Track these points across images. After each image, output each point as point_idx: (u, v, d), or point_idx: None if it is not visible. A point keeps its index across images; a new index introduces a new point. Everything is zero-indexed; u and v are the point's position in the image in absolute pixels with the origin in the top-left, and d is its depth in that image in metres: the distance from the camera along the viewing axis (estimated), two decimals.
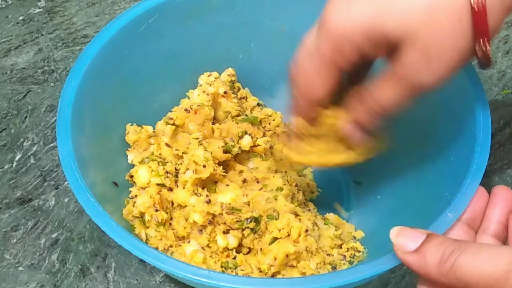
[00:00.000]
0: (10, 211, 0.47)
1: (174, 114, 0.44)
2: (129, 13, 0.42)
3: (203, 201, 0.39)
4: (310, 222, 0.41)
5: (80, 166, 0.34)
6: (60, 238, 0.46)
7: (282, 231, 0.38)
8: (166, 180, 0.41)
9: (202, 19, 0.45)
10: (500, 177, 0.49)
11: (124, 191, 0.41)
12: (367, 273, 0.30)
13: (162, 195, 0.40)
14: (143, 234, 0.39)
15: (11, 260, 0.45)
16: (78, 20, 0.61)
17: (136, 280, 0.43)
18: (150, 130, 0.44)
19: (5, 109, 0.54)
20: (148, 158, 0.42)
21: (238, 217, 0.38)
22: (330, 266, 0.39)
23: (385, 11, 0.29)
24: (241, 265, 0.38)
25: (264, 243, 0.39)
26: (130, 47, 0.43)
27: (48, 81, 0.55)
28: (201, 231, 0.39)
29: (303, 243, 0.38)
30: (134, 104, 0.44)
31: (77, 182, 0.34)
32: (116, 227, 0.32)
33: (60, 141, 0.35)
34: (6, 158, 0.50)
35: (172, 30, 0.44)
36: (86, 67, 0.39)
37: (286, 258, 0.38)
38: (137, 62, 0.44)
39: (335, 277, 0.30)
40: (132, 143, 0.43)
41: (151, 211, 0.39)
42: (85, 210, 0.33)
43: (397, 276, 0.44)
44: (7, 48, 0.58)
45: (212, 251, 0.39)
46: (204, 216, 0.38)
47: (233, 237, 0.39)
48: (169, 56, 0.45)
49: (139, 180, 0.41)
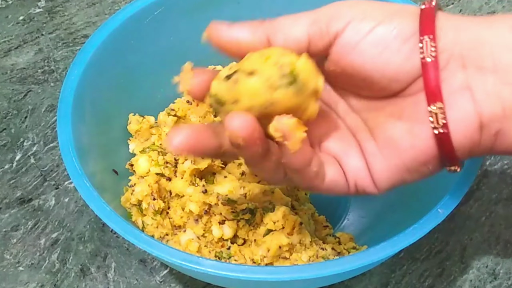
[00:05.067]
0: (10, 211, 0.47)
1: (176, 105, 0.44)
2: (135, 4, 0.43)
3: (200, 191, 0.39)
4: (306, 216, 0.41)
5: (78, 152, 0.35)
6: (60, 238, 0.46)
7: (277, 224, 0.39)
8: (165, 170, 0.41)
9: (208, 13, 0.45)
10: (500, 177, 0.49)
11: (124, 179, 0.42)
12: (353, 265, 0.30)
13: (160, 184, 0.41)
14: (139, 222, 0.40)
15: (11, 260, 0.45)
16: (78, 20, 0.61)
17: (136, 280, 0.44)
18: (152, 120, 0.44)
19: (5, 109, 0.54)
20: (149, 148, 0.43)
21: (233, 208, 0.38)
22: (322, 259, 0.39)
23: None
24: (235, 255, 0.39)
25: (258, 235, 0.39)
26: (135, 38, 0.43)
27: (48, 81, 0.55)
28: (197, 221, 0.40)
29: (296, 235, 0.39)
30: (138, 95, 0.45)
31: (74, 167, 0.34)
32: (109, 211, 0.32)
33: (60, 128, 0.36)
34: (6, 158, 0.50)
35: (177, 23, 0.45)
36: (90, 56, 0.39)
37: (279, 250, 0.38)
38: (142, 54, 0.44)
39: (311, 268, 0.30)
40: (134, 133, 0.44)
41: (149, 200, 0.40)
42: (81, 194, 0.33)
43: (397, 276, 0.44)
44: (7, 48, 0.58)
45: (207, 241, 0.39)
46: (200, 206, 0.39)
47: (228, 227, 0.39)
48: (173, 48, 0.46)
49: (139, 169, 0.41)
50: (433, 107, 0.26)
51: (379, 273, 0.44)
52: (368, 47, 0.27)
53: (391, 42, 0.26)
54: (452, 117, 0.26)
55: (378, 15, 0.27)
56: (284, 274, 0.30)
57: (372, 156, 0.29)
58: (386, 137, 0.28)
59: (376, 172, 0.29)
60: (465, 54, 0.26)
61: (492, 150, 0.27)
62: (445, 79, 0.26)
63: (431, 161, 0.28)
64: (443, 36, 0.26)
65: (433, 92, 0.26)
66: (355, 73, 0.28)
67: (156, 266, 0.44)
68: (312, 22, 0.27)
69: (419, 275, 0.44)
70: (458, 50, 0.26)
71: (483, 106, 0.26)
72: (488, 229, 0.46)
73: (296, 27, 0.28)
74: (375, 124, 0.29)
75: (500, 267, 0.45)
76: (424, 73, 0.26)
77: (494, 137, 0.26)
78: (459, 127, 0.26)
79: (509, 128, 0.26)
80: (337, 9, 0.27)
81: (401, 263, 0.45)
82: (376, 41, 0.26)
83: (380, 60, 0.27)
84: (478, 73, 0.26)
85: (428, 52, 0.26)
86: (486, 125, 0.26)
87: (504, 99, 0.25)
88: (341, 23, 0.27)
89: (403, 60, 0.26)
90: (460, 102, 0.26)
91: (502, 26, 0.26)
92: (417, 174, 0.28)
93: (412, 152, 0.27)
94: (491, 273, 0.44)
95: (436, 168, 0.28)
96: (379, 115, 0.29)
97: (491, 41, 0.26)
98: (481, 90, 0.26)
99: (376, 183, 0.29)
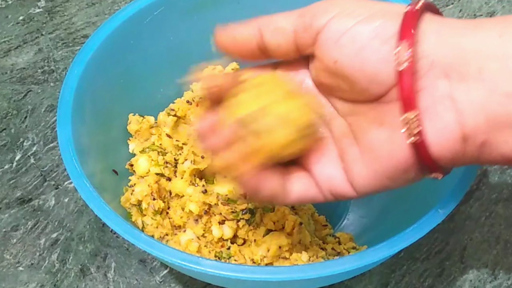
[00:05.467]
0: (10, 211, 0.47)
1: (176, 105, 0.44)
2: (134, 4, 0.43)
3: (200, 191, 0.39)
4: (306, 216, 0.41)
5: (78, 152, 0.35)
6: (60, 238, 0.46)
7: (277, 224, 0.39)
8: (165, 170, 0.41)
9: (208, 13, 0.46)
10: (500, 177, 0.49)
11: (124, 179, 0.42)
12: (353, 265, 0.31)
13: (160, 184, 0.41)
14: (139, 222, 0.40)
15: (11, 260, 0.45)
16: (78, 20, 0.61)
17: (136, 280, 0.44)
18: (152, 120, 0.44)
19: (5, 109, 0.54)
20: (149, 148, 0.43)
21: (233, 208, 0.38)
22: (322, 259, 0.39)
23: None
24: (234, 255, 0.39)
25: (258, 235, 0.39)
26: (135, 38, 0.43)
27: (48, 81, 0.55)
28: (197, 221, 0.40)
29: (296, 235, 0.39)
30: (138, 95, 0.45)
31: (74, 167, 0.34)
32: (109, 212, 0.33)
33: (60, 128, 0.36)
34: (6, 158, 0.50)
35: (177, 23, 0.45)
36: (90, 56, 0.39)
37: (279, 250, 0.38)
38: (141, 54, 0.44)
39: (311, 268, 0.30)
40: (133, 133, 0.44)
41: (149, 200, 0.40)
42: (80, 194, 0.33)
43: (397, 276, 0.44)
44: (7, 48, 0.58)
45: (207, 241, 0.39)
46: (200, 206, 0.39)
47: (228, 227, 0.39)
48: (173, 48, 0.46)
49: (139, 169, 0.41)
50: (406, 115, 0.25)
51: (379, 273, 0.44)
52: (347, 44, 0.26)
53: (370, 41, 0.26)
54: (431, 127, 0.25)
55: (362, 12, 0.27)
56: (284, 274, 0.30)
57: (353, 162, 0.29)
58: (367, 143, 0.28)
59: (355, 178, 0.29)
60: (449, 61, 0.25)
61: (479, 160, 0.26)
62: (426, 87, 0.25)
63: (410, 169, 0.27)
64: (425, 40, 0.26)
65: (407, 101, 0.25)
66: (338, 71, 0.27)
67: (156, 266, 0.44)
68: (299, 16, 0.28)
69: (419, 275, 0.44)
70: (440, 56, 0.25)
71: (466, 116, 0.25)
72: (488, 229, 0.46)
73: (285, 20, 0.28)
74: (359, 129, 0.29)
75: (500, 267, 0.45)
76: (399, 81, 0.25)
77: (480, 148, 0.26)
78: (439, 138, 0.25)
79: (495, 139, 0.25)
80: (324, 5, 0.28)
81: (401, 263, 0.45)
82: (354, 38, 0.26)
83: (359, 59, 0.26)
84: (462, 82, 0.25)
85: (403, 57, 0.25)
86: (470, 136, 0.25)
87: (489, 109, 0.24)
88: (325, 19, 0.27)
89: (381, 61, 0.26)
90: (440, 112, 0.25)
91: (488, 33, 0.25)
92: (399, 180, 0.28)
93: (391, 160, 0.27)
94: (491, 273, 0.44)
95: (418, 175, 0.28)
96: (363, 120, 0.28)
97: (476, 48, 0.25)
98: (465, 100, 0.25)
99: (355, 188, 0.29)
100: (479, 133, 0.25)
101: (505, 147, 0.25)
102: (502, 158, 0.26)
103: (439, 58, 0.25)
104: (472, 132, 0.25)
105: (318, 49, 0.28)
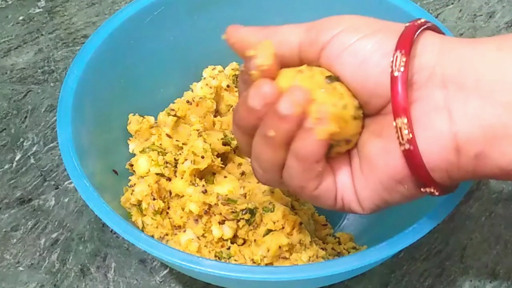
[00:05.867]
0: (10, 211, 0.47)
1: (176, 105, 0.44)
2: (134, 4, 0.43)
3: (200, 191, 0.39)
4: (306, 216, 0.41)
5: (78, 152, 0.35)
6: (60, 238, 0.46)
7: (277, 224, 0.39)
8: (165, 170, 0.41)
9: (208, 13, 0.46)
10: None
11: (124, 179, 0.42)
12: (351, 265, 0.31)
13: (160, 184, 0.41)
14: (139, 222, 0.40)
15: (11, 260, 0.45)
16: (78, 20, 0.61)
17: (136, 280, 0.44)
18: (152, 120, 0.44)
19: (5, 109, 0.54)
20: (149, 148, 0.42)
21: (233, 208, 0.38)
22: (322, 259, 0.39)
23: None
24: (234, 255, 0.39)
25: (258, 235, 0.39)
26: (135, 38, 0.43)
27: (48, 81, 0.55)
28: (197, 221, 0.40)
29: (296, 235, 0.39)
30: (138, 95, 0.45)
31: (74, 167, 0.34)
32: (109, 211, 0.33)
33: (60, 128, 0.36)
34: (6, 158, 0.50)
35: (177, 23, 0.45)
36: (90, 56, 0.39)
37: (279, 250, 0.38)
38: (141, 54, 0.44)
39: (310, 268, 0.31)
40: (133, 133, 0.44)
41: (149, 199, 0.40)
42: (80, 194, 0.33)
43: (397, 276, 0.44)
44: (7, 48, 0.58)
45: (207, 241, 0.39)
46: (200, 206, 0.39)
47: (228, 227, 0.39)
48: (173, 48, 0.46)
49: (139, 169, 0.41)
50: (398, 121, 0.26)
51: (379, 273, 0.44)
52: (349, 58, 0.27)
53: (370, 55, 0.27)
54: (423, 135, 0.26)
55: (365, 29, 0.27)
56: (284, 274, 0.30)
57: (356, 174, 0.29)
58: (366, 154, 0.28)
59: (359, 190, 0.29)
60: (447, 72, 0.26)
61: (476, 173, 0.26)
62: (422, 97, 0.26)
63: (405, 180, 0.27)
64: (425, 53, 0.26)
65: (398, 106, 0.26)
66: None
67: (156, 266, 0.44)
68: (306, 30, 0.29)
69: (419, 275, 0.44)
70: (440, 69, 0.26)
71: (460, 127, 0.25)
72: (488, 229, 0.46)
73: (291, 33, 0.29)
74: (360, 142, 0.29)
75: (500, 267, 0.45)
76: (391, 87, 0.26)
77: (475, 160, 0.26)
78: (431, 147, 0.26)
79: (492, 150, 0.25)
80: (331, 21, 0.28)
81: (401, 263, 0.45)
82: (357, 52, 0.27)
83: (361, 72, 0.27)
84: (459, 93, 0.25)
85: (397, 66, 0.26)
86: (463, 146, 0.25)
87: (485, 120, 0.25)
88: (330, 34, 0.28)
89: (381, 74, 0.27)
90: (433, 121, 0.26)
91: (487, 46, 0.26)
92: (396, 194, 0.28)
93: (386, 170, 0.27)
94: (491, 273, 0.44)
95: (415, 190, 0.28)
96: (364, 133, 0.29)
97: (475, 60, 0.25)
98: (460, 109, 0.25)
99: (360, 202, 0.29)
100: (473, 143, 0.25)
101: (502, 159, 0.25)
102: (500, 171, 0.26)
103: (438, 69, 0.26)
104: (466, 142, 0.25)
105: (323, 64, 0.28)
